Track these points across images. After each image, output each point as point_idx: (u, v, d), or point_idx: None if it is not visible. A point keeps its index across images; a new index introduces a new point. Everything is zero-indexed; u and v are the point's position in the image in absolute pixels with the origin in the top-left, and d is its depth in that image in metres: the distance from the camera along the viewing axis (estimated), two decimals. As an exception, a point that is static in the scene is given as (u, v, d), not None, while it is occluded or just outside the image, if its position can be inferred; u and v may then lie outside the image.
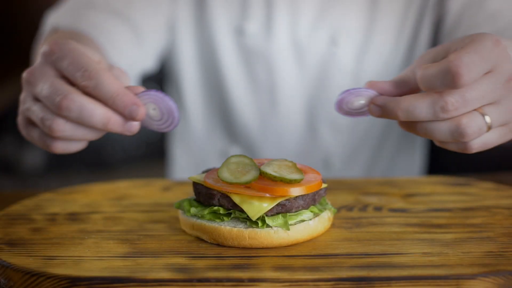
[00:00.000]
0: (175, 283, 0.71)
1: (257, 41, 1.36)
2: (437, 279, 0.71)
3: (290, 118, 1.41)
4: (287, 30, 1.35)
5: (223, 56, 1.39)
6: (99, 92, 0.78)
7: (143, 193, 1.03)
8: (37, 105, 0.81)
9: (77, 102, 0.77)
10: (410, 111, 0.76)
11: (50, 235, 0.85)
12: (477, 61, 0.74)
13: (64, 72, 0.80)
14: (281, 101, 1.39)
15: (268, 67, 1.37)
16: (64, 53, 0.80)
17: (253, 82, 1.40)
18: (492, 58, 0.75)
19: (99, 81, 0.78)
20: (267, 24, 1.35)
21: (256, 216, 0.80)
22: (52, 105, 0.78)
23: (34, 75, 0.81)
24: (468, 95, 0.74)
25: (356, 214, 0.92)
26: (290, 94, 1.39)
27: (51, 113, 0.79)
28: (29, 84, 0.82)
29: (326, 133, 1.41)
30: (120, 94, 0.78)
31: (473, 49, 0.75)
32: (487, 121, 0.77)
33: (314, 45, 1.36)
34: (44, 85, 0.79)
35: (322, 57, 1.36)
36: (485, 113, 0.77)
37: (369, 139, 1.43)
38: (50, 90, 0.79)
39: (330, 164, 1.43)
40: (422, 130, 0.79)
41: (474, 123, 0.76)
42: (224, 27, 1.38)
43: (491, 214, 0.91)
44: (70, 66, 0.79)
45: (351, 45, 1.35)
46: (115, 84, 0.78)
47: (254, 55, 1.37)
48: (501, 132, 0.80)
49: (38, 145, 0.85)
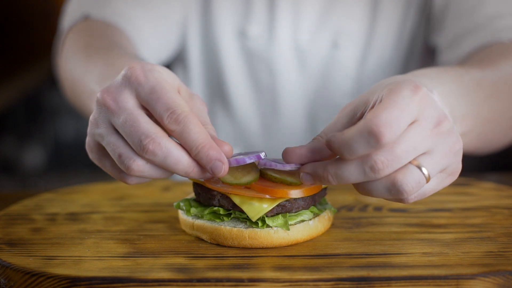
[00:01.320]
0: (175, 283, 0.71)
1: (259, 44, 1.36)
2: (437, 279, 0.71)
3: (291, 120, 1.40)
4: (289, 33, 1.35)
5: (226, 58, 1.39)
6: (185, 140, 0.73)
7: (143, 193, 1.03)
8: (115, 137, 0.75)
9: (163, 148, 0.73)
10: (339, 175, 0.71)
11: (50, 235, 0.85)
12: (397, 116, 0.69)
13: (148, 107, 0.74)
14: (282, 104, 1.39)
15: (270, 70, 1.37)
16: (151, 85, 0.74)
17: (255, 84, 1.40)
18: (413, 108, 0.70)
19: (187, 128, 0.73)
20: (270, 27, 1.35)
21: (256, 217, 0.80)
22: (135, 144, 0.73)
23: (114, 99, 0.75)
24: (398, 150, 0.69)
25: (356, 214, 0.92)
26: (292, 97, 1.39)
27: (133, 152, 0.74)
28: (107, 108, 0.75)
29: None
30: (206, 147, 0.73)
31: (391, 104, 0.69)
32: (425, 173, 0.71)
33: (316, 48, 1.36)
34: (127, 118, 0.73)
35: (324, 60, 1.36)
36: (420, 164, 0.71)
37: None
38: (133, 127, 0.73)
39: None
40: (362, 190, 0.74)
41: (410, 178, 0.71)
42: (227, 29, 1.38)
43: (491, 214, 0.91)
44: (157, 104, 0.73)
45: (353, 48, 1.35)
46: (202, 134, 0.73)
47: (257, 58, 1.37)
48: (439, 179, 0.75)
49: (110, 174, 0.80)
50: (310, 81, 1.38)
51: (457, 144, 0.74)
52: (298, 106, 1.39)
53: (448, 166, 0.74)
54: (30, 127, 3.78)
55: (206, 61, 1.43)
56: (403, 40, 1.35)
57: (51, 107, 3.75)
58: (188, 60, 1.44)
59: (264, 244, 0.80)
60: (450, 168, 0.75)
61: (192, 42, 1.42)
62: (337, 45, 1.35)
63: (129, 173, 0.75)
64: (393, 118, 0.68)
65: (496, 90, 0.98)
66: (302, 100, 1.39)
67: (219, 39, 1.39)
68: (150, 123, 0.74)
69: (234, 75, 1.40)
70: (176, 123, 0.73)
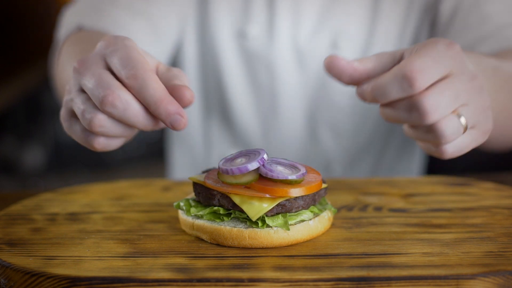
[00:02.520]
0: (175, 283, 0.71)
1: (258, 45, 1.36)
2: (437, 279, 0.71)
3: (291, 121, 1.40)
4: (289, 34, 1.35)
5: (225, 59, 1.39)
6: (144, 96, 0.75)
7: (143, 193, 1.03)
8: (81, 96, 0.78)
9: (123, 99, 0.75)
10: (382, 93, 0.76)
11: (50, 235, 0.85)
12: (430, 64, 0.73)
13: (111, 65, 0.77)
14: (282, 104, 1.39)
15: (269, 70, 1.37)
16: (118, 47, 0.77)
17: (254, 85, 1.40)
18: (446, 60, 0.74)
19: (145, 83, 0.75)
20: (269, 28, 1.35)
21: (256, 216, 0.80)
22: (96, 98, 0.75)
23: (84, 65, 0.77)
24: (445, 97, 0.73)
25: (356, 214, 0.92)
26: (291, 97, 1.39)
27: (94, 107, 0.76)
28: (78, 73, 0.78)
29: (327, 138, 1.40)
30: (164, 101, 0.75)
31: (426, 53, 0.74)
32: (462, 121, 0.76)
33: (315, 49, 1.36)
34: (92, 76, 0.76)
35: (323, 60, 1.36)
36: (460, 113, 0.76)
37: (371, 144, 1.43)
38: (96, 82, 0.75)
39: (331, 169, 1.42)
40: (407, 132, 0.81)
41: (450, 123, 0.75)
42: (226, 30, 1.38)
43: (491, 214, 0.91)
44: (119, 61, 0.76)
45: (352, 49, 1.35)
46: (160, 90, 0.75)
47: (256, 58, 1.37)
48: (473, 135, 0.79)
49: (79, 141, 0.82)
50: (309, 82, 1.38)
51: (487, 102, 0.79)
52: (297, 106, 1.39)
53: (480, 122, 0.79)
54: (30, 127, 3.78)
55: (203, 62, 1.43)
56: (404, 43, 1.35)
57: (51, 107, 3.76)
58: (183, 62, 1.44)
59: (264, 244, 0.80)
60: (481, 125, 0.79)
61: (188, 44, 1.41)
62: (337, 45, 1.34)
63: (91, 129, 0.77)
64: (427, 66, 0.73)
65: (510, 81, 1.00)
66: (301, 100, 1.39)
67: (217, 40, 1.38)
68: (112, 79, 0.76)
69: (233, 76, 1.40)
70: (134, 78, 0.75)
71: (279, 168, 0.82)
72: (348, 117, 1.38)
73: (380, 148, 1.43)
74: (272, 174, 0.80)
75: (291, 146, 1.41)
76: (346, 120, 1.39)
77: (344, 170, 1.43)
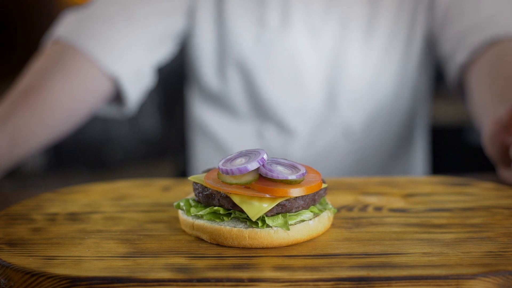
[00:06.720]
0: (175, 283, 0.71)
1: (276, 30, 1.46)
2: (437, 279, 0.71)
3: (312, 93, 1.50)
4: (302, 17, 1.46)
5: (244, 46, 1.48)
6: None
7: (143, 193, 1.03)
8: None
9: None
10: None
11: (50, 235, 0.85)
12: None
13: None
14: (302, 82, 1.49)
15: (288, 53, 1.47)
16: None
17: (276, 67, 1.49)
18: None
19: None
20: (285, 14, 1.45)
21: (256, 216, 0.80)
22: None
23: None
24: None
25: (356, 214, 0.92)
26: (311, 74, 1.49)
27: None
28: None
29: (345, 104, 1.51)
30: None
31: None
32: None
33: (326, 30, 1.47)
34: None
35: (335, 39, 1.47)
36: None
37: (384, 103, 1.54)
38: None
39: (351, 131, 1.53)
40: None
41: None
42: (243, 18, 1.47)
43: (491, 214, 0.91)
44: None
45: (360, 29, 1.47)
46: None
47: (274, 43, 1.47)
48: None
49: None
50: (324, 58, 1.49)
51: None
52: (317, 82, 1.49)
53: None
54: (30, 127, 3.77)
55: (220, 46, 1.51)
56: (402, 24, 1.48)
57: (51, 107, 3.75)
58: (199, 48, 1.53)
59: (264, 244, 0.80)
60: None
61: (204, 30, 1.50)
62: (345, 26, 1.46)
63: None
64: None
65: None
66: (319, 77, 1.49)
67: (235, 28, 1.48)
68: None
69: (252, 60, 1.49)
70: None
71: (279, 168, 0.82)
72: (362, 85, 1.51)
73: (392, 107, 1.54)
74: (272, 174, 0.80)
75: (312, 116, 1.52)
76: (361, 87, 1.51)
77: (363, 131, 1.53)
